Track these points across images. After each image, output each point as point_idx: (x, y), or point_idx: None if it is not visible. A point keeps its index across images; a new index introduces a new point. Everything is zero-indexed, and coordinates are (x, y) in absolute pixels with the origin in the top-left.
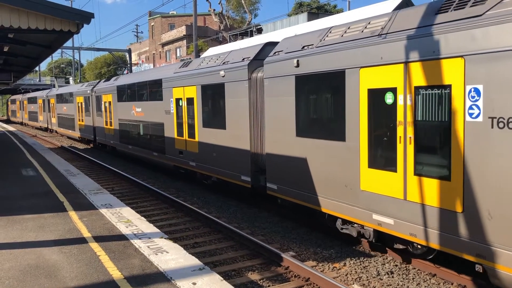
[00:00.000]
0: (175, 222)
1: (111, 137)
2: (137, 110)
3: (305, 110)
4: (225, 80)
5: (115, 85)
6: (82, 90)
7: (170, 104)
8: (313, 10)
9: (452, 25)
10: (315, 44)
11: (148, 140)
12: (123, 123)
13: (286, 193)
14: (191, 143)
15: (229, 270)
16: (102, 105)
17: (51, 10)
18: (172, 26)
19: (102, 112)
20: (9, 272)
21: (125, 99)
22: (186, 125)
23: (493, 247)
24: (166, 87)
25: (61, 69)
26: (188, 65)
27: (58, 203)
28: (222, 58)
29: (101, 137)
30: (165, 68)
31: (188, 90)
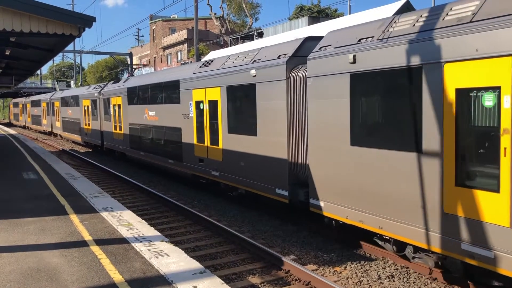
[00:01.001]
0: (176, 225)
1: (121, 142)
2: (150, 113)
3: (364, 114)
4: (257, 80)
5: (125, 87)
6: (88, 93)
7: (189, 108)
8: (314, 14)
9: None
10: (376, 36)
11: (163, 146)
12: (134, 128)
13: (336, 212)
14: (213, 151)
15: (230, 274)
16: (111, 108)
17: (53, 14)
18: (173, 30)
19: (111, 116)
20: (10, 275)
21: (137, 102)
22: (208, 130)
23: None
24: (184, 89)
25: (62, 72)
26: (209, 64)
27: (59, 206)
28: (251, 56)
29: (109, 142)
30: (183, 68)
31: (210, 92)
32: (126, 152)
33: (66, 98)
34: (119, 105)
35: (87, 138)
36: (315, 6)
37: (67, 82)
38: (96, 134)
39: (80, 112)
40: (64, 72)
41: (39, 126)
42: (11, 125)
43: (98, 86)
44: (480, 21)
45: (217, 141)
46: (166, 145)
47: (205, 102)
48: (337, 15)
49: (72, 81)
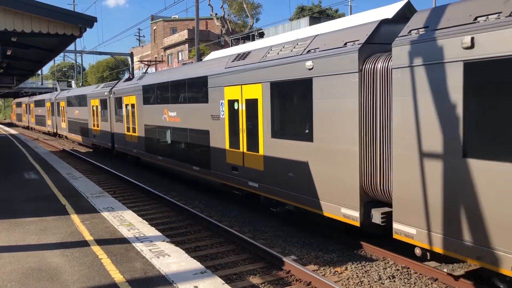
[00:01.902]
0: (177, 225)
1: (134, 145)
2: (170, 114)
3: (489, 117)
4: (314, 74)
5: (140, 85)
6: (97, 92)
7: (220, 107)
8: (315, 14)
9: None
10: (505, 11)
11: (186, 151)
12: (150, 130)
13: (438, 244)
14: (251, 158)
15: (231, 274)
16: (123, 108)
17: (54, 14)
18: (174, 30)
19: (123, 117)
20: (11, 275)
21: (154, 101)
22: (244, 134)
23: None
24: (214, 86)
25: (63, 72)
26: (246, 57)
27: (60, 206)
28: (302, 45)
29: (121, 145)
30: (211, 63)
31: (248, 89)
32: (141, 156)
33: (72, 97)
34: (132, 105)
35: (96, 140)
36: (316, 7)
37: (68, 82)
38: (106, 136)
39: (88, 112)
40: (65, 72)
41: (43, 127)
42: (11, 125)
43: (108, 85)
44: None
45: (256, 146)
46: (190, 150)
47: (241, 101)
48: (338, 16)
49: (73, 81)
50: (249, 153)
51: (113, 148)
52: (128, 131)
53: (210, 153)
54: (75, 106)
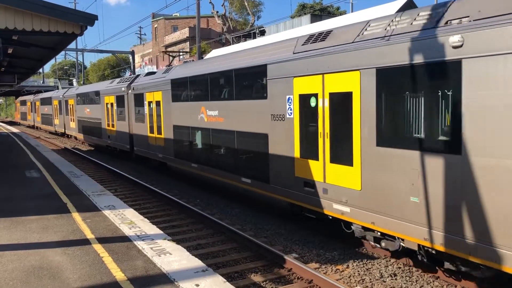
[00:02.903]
0: (178, 223)
1: (160, 149)
2: (210, 113)
3: (387, 115)
4: (465, 54)
5: (168, 79)
6: (113, 88)
7: (286, 105)
8: (316, 12)
9: None
10: None
11: (231, 158)
12: (182, 131)
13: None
14: (339, 172)
15: (232, 272)
16: (146, 106)
17: (55, 12)
18: (175, 28)
19: (145, 116)
20: (13, 273)
21: (187, 97)
22: (327, 139)
23: None
24: (276, 77)
25: (64, 71)
26: (326, 37)
27: (62, 205)
28: (429, 15)
29: (142, 148)
30: (270, 47)
31: (335, 80)
32: (169, 162)
33: (83, 94)
34: (158, 102)
35: (111, 141)
36: (317, 4)
37: (69, 81)
38: (123, 138)
39: (101, 110)
40: (66, 71)
41: (50, 127)
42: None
43: (125, 79)
44: None
45: (348, 157)
46: (237, 158)
47: (321, 95)
48: (339, 13)
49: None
50: (336, 166)
51: (132, 151)
52: (152, 133)
53: (269, 163)
54: (86, 104)
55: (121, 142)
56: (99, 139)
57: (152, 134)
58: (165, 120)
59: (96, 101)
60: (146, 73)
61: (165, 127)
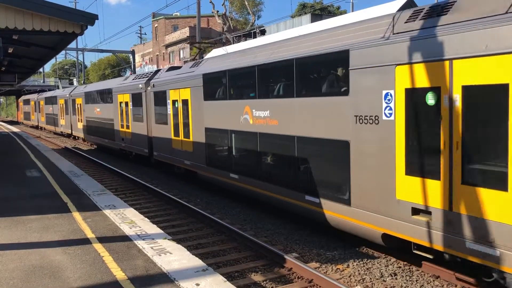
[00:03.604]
0: (179, 223)
1: (188, 155)
2: (258, 114)
3: None
4: None
5: (199, 73)
6: (128, 85)
7: (382, 103)
8: (317, 11)
9: None
10: None
11: (289, 170)
12: (217, 135)
13: None
14: (479, 198)
15: (233, 271)
16: (169, 105)
17: (55, 12)
18: (176, 28)
19: (168, 116)
20: (14, 272)
21: (225, 95)
22: (457, 151)
23: None
24: (365, 66)
25: (65, 70)
26: (448, 10)
27: (62, 204)
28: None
29: (163, 153)
30: (348, 28)
31: (471, 68)
32: (199, 170)
33: (92, 93)
34: (185, 101)
35: (125, 144)
36: (318, 4)
37: (69, 80)
38: (141, 141)
39: (114, 110)
40: (67, 70)
41: (55, 127)
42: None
43: (143, 75)
44: None
45: (500, 179)
46: (299, 170)
47: (446, 89)
48: (339, 13)
49: (74, 79)
50: (472, 189)
51: (151, 156)
52: (177, 136)
53: (350, 179)
54: (96, 103)
55: (137, 145)
56: (111, 142)
57: (177, 137)
58: (195, 122)
59: (108, 100)
60: (168, 68)
61: (195, 130)
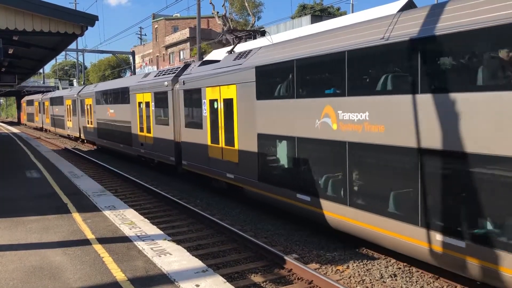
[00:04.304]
0: (179, 224)
1: (231, 167)
2: (347, 116)
3: None
4: None
5: (251, 66)
6: (149, 83)
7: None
8: (317, 12)
9: None
10: None
11: (411, 198)
12: (276, 144)
13: None
14: None
15: (232, 272)
16: (205, 105)
17: (55, 13)
18: (176, 29)
19: (204, 119)
20: (13, 273)
21: (289, 92)
22: None
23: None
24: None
25: (65, 71)
26: None
27: (62, 205)
28: None
29: (197, 162)
30: None
31: None
32: (248, 186)
33: (104, 92)
34: (228, 101)
35: (145, 150)
36: (318, 5)
37: (70, 81)
38: (165, 147)
39: (132, 112)
40: (66, 71)
41: (62, 130)
42: (13, 124)
43: (167, 71)
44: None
45: None
46: (432, 200)
47: None
48: (339, 14)
49: (74, 80)
50: None
51: (178, 165)
52: (215, 142)
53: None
54: (109, 103)
55: (161, 152)
56: (127, 147)
57: (215, 144)
58: (242, 126)
59: (123, 100)
60: (202, 62)
61: (242, 136)
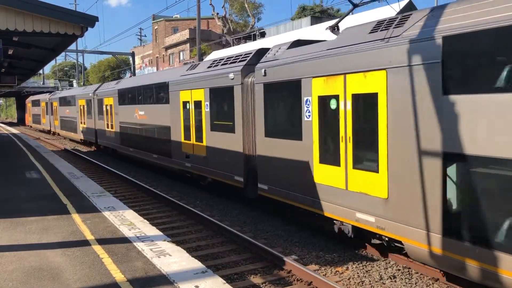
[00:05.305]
0: (178, 225)
1: (377, 204)
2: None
3: None
4: None
5: (438, 34)
6: (200, 76)
7: None
8: (316, 14)
9: None
10: None
11: None
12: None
13: None
14: None
15: (232, 274)
16: (309, 106)
17: (55, 14)
18: (176, 30)
19: (308, 124)
20: (13, 274)
21: None
22: None
23: None
24: None
25: (64, 72)
26: None
27: (62, 206)
28: None
29: (287, 188)
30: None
31: None
32: (415, 242)
33: (131, 90)
34: (365, 99)
35: (193, 165)
36: (318, 6)
37: (69, 82)
38: (228, 162)
39: (173, 113)
40: (66, 72)
41: (73, 133)
42: (12, 124)
43: (228, 59)
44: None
45: None
46: None
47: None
48: (339, 15)
49: (74, 81)
50: None
51: (250, 187)
52: (333, 162)
53: None
54: (137, 103)
55: (220, 168)
56: (165, 159)
57: (330, 164)
58: (402, 140)
59: (159, 99)
60: (293, 43)
61: (398, 157)
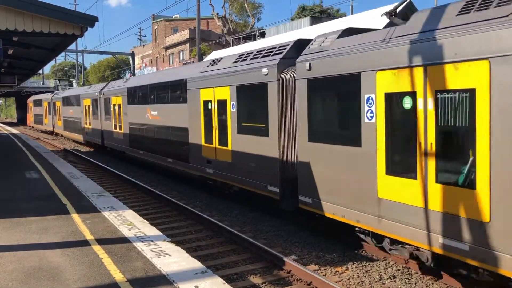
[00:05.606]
0: (178, 225)
1: (463, 226)
2: None
3: None
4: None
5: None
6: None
7: None
8: (316, 14)
9: None
10: None
11: None
12: None
13: None
14: None
15: (232, 274)
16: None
17: (55, 14)
18: (176, 30)
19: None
20: (12, 274)
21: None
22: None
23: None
24: None
25: (64, 72)
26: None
27: (61, 206)
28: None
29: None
30: None
31: None
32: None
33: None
34: (461, 96)
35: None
36: (317, 6)
37: (69, 82)
38: (259, 170)
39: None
40: (66, 72)
41: (77, 135)
42: (12, 124)
43: (258, 52)
44: None
45: None
46: None
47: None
48: (339, 15)
49: (74, 81)
50: None
51: (288, 199)
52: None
53: None
54: (149, 103)
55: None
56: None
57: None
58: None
59: (175, 98)
60: (344, 31)
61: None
